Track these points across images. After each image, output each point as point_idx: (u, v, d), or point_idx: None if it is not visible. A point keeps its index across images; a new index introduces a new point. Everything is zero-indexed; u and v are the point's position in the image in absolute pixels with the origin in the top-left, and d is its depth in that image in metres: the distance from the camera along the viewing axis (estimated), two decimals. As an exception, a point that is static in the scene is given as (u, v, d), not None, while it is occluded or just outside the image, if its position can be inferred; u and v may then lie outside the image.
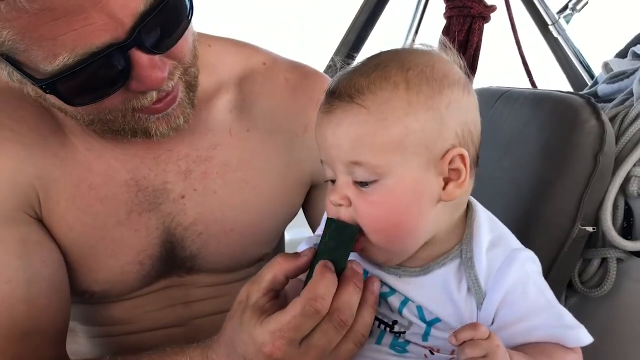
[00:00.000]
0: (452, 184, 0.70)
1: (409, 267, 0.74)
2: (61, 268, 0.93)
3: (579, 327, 0.71)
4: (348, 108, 0.68)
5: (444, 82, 0.69)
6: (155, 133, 0.86)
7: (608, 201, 1.19)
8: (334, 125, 0.69)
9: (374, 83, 0.68)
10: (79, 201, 0.93)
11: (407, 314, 0.73)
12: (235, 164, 1.00)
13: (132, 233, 0.96)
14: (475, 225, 0.74)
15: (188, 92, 0.87)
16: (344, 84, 0.70)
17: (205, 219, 1.00)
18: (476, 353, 0.63)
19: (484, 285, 0.70)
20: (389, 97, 0.67)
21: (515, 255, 0.71)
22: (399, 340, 0.74)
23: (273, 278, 0.71)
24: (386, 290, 0.74)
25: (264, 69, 1.05)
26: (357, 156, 0.68)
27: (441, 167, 0.69)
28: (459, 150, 0.69)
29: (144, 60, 0.75)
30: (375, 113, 0.67)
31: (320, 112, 0.72)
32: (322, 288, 0.67)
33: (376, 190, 0.68)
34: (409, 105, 0.67)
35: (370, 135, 0.67)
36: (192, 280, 1.05)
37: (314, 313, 0.66)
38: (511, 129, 1.37)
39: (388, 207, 0.68)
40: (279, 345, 0.67)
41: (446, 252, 0.73)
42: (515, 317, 0.68)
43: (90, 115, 0.82)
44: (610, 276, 1.22)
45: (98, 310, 1.05)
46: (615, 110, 1.32)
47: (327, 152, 0.71)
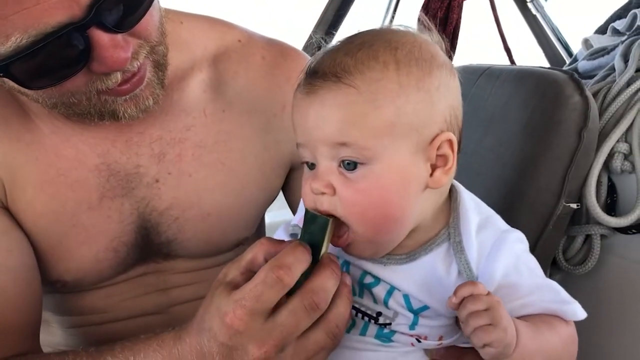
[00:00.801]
0: (439, 170, 0.67)
1: (394, 254, 0.71)
2: (29, 257, 0.89)
3: (574, 302, 0.70)
4: (334, 88, 0.64)
5: (432, 63, 0.66)
6: (123, 115, 0.81)
7: (592, 177, 1.19)
8: (317, 105, 0.65)
9: (361, 62, 0.64)
10: (47, 187, 0.89)
11: (392, 304, 0.70)
12: (210, 145, 0.97)
13: (105, 219, 0.92)
14: (461, 208, 0.71)
15: (157, 72, 0.83)
16: (327, 63, 0.65)
17: (180, 203, 0.96)
18: (478, 306, 0.61)
19: (475, 269, 0.68)
20: (378, 77, 0.64)
21: (504, 237, 0.69)
22: (384, 331, 0.72)
23: (252, 258, 0.68)
24: (370, 280, 0.71)
25: (239, 47, 1.01)
26: (345, 137, 0.64)
27: (429, 153, 0.66)
28: (447, 135, 0.66)
29: (105, 40, 0.70)
30: (365, 93, 0.63)
31: (299, 93, 0.68)
32: (289, 258, 0.64)
33: (363, 177, 0.64)
34: (399, 86, 0.64)
35: (359, 116, 0.63)
36: (169, 266, 1.02)
37: (275, 281, 0.63)
38: (493, 106, 1.35)
39: (375, 195, 0.65)
40: (239, 314, 0.63)
41: (432, 237, 0.71)
42: (511, 297, 0.67)
43: (52, 99, 0.77)
44: (594, 253, 1.22)
45: (71, 299, 1.01)
46: (597, 86, 1.31)
47: (308, 134, 0.67)
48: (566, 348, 0.69)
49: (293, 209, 1.13)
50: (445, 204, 0.72)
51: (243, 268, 0.68)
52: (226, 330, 0.64)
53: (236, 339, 0.64)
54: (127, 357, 0.72)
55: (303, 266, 0.64)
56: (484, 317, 0.61)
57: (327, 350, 0.69)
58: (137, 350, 0.72)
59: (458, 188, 0.74)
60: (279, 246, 0.67)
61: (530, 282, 0.69)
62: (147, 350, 0.71)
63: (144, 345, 0.72)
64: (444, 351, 0.73)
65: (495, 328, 0.61)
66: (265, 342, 0.64)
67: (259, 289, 0.63)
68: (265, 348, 0.64)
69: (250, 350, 0.64)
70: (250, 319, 0.63)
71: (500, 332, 0.61)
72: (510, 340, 0.62)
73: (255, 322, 0.63)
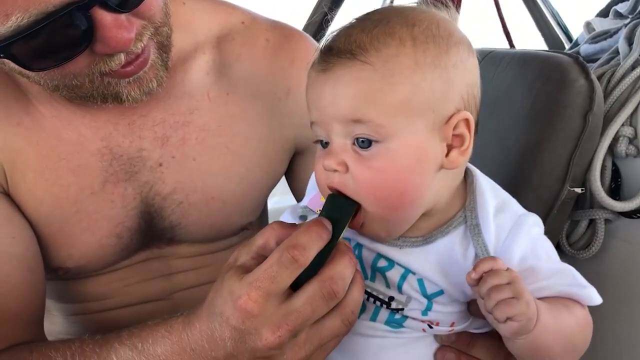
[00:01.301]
0: (455, 150, 0.66)
1: (410, 237, 0.70)
2: (32, 244, 0.88)
3: (591, 286, 0.69)
4: (349, 64, 0.63)
5: (450, 40, 0.65)
6: (127, 98, 0.80)
7: (596, 161, 1.18)
8: (332, 82, 0.64)
9: (377, 39, 0.63)
10: (48, 172, 0.87)
11: (406, 289, 0.69)
12: (214, 128, 0.95)
13: (108, 204, 0.91)
14: (478, 191, 0.70)
15: (161, 53, 0.81)
16: (342, 40, 0.64)
17: (184, 187, 0.95)
18: (499, 280, 0.61)
19: (492, 252, 0.67)
20: (394, 54, 0.62)
21: (522, 220, 0.68)
22: (395, 317, 0.71)
23: (264, 243, 0.66)
24: (384, 264, 0.70)
25: (242, 28, 0.99)
26: (360, 114, 0.62)
27: (445, 132, 0.65)
28: (464, 114, 0.65)
29: (108, 20, 0.69)
30: (380, 70, 0.62)
31: (314, 71, 0.66)
32: (304, 238, 0.62)
33: (377, 155, 0.63)
34: (415, 63, 0.62)
35: (375, 92, 0.62)
36: (173, 251, 1.00)
37: (290, 261, 0.61)
38: (496, 90, 1.34)
39: (390, 173, 0.63)
40: (254, 296, 0.61)
41: (448, 219, 0.70)
42: (529, 280, 0.66)
43: (54, 81, 0.75)
44: (598, 237, 1.21)
45: (73, 286, 1.00)
46: (602, 70, 1.30)
47: (323, 111, 0.66)
48: (582, 331, 0.69)
49: (296, 194, 1.12)
50: (461, 186, 0.71)
51: (254, 253, 0.66)
52: (239, 313, 0.62)
53: (250, 322, 0.63)
54: (135, 343, 0.70)
55: (318, 246, 0.63)
56: (506, 291, 0.60)
57: (340, 336, 0.68)
58: (144, 337, 0.70)
59: (474, 171, 0.73)
60: (290, 230, 0.66)
61: (548, 266, 0.68)
62: (155, 336, 0.70)
63: (152, 331, 0.70)
64: (454, 337, 0.72)
65: (518, 301, 0.60)
66: (280, 326, 0.63)
67: (274, 270, 0.62)
68: (280, 332, 0.63)
69: (264, 334, 0.63)
70: (265, 301, 0.62)
71: (523, 305, 0.60)
72: (532, 314, 0.62)
73: (270, 305, 0.62)
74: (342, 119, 0.64)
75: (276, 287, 0.62)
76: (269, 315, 0.62)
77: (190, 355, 0.67)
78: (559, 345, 0.67)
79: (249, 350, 0.64)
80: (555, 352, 0.67)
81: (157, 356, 0.69)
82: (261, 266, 0.63)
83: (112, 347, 0.72)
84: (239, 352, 0.65)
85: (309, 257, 0.62)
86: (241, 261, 0.66)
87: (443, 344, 0.73)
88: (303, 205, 0.78)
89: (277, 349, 0.64)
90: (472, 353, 0.72)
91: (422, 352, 0.73)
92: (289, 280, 0.62)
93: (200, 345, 0.66)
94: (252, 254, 0.66)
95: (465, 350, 0.72)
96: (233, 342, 0.64)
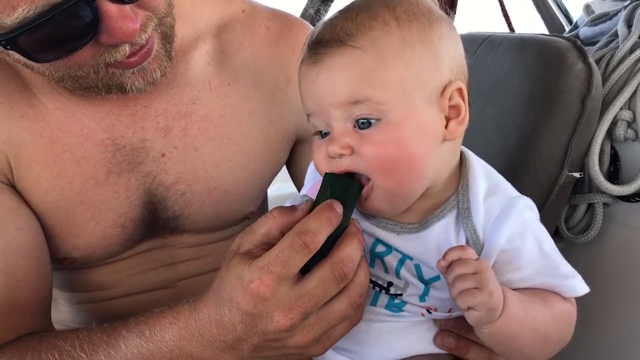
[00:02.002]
0: (453, 121, 0.68)
1: (407, 223, 0.71)
2: (38, 235, 0.89)
3: (575, 277, 0.70)
4: (339, 52, 0.65)
5: (431, 16, 0.67)
6: (131, 88, 0.80)
7: (595, 146, 1.19)
8: (325, 72, 0.65)
9: (362, 24, 0.65)
10: (53, 164, 0.88)
11: (404, 274, 0.70)
12: (216, 119, 0.96)
13: (112, 195, 0.92)
14: (470, 173, 0.71)
15: (164, 44, 0.82)
16: (328, 31, 0.66)
17: (187, 177, 0.95)
18: (465, 269, 0.62)
19: (481, 236, 0.68)
20: (381, 35, 0.65)
21: (513, 203, 0.69)
22: (394, 301, 0.72)
23: (267, 231, 0.67)
24: (382, 249, 0.71)
25: (243, 17, 0.99)
26: (358, 95, 0.64)
27: (442, 104, 0.67)
28: (457, 84, 0.67)
29: (113, 10, 0.69)
30: (370, 51, 0.64)
31: (304, 65, 0.68)
32: (315, 223, 0.64)
33: (379, 130, 0.65)
34: (402, 40, 0.65)
35: (369, 72, 0.64)
36: (176, 241, 1.02)
37: (302, 246, 0.62)
38: (494, 75, 1.34)
39: (394, 144, 0.65)
40: (266, 280, 0.62)
41: (443, 202, 0.71)
42: (511, 266, 0.67)
43: (59, 72, 0.76)
44: (596, 221, 1.22)
45: (79, 275, 1.01)
46: (600, 53, 1.30)
47: (320, 101, 0.67)
48: (557, 323, 0.70)
49: (297, 182, 1.13)
50: (455, 169, 0.72)
51: (257, 242, 0.67)
52: (250, 298, 0.63)
53: (261, 306, 0.64)
54: (142, 330, 0.72)
55: (328, 230, 0.64)
56: (470, 280, 0.62)
57: (350, 320, 0.69)
58: (151, 324, 0.72)
59: (467, 154, 0.74)
60: (291, 215, 0.67)
61: (531, 253, 0.68)
62: (162, 323, 0.71)
63: (159, 318, 0.72)
64: (453, 322, 0.73)
65: (480, 292, 0.62)
66: (293, 308, 0.64)
67: (286, 255, 0.63)
68: (292, 315, 0.64)
69: (275, 316, 0.64)
70: (277, 285, 0.63)
71: (485, 296, 0.62)
72: (496, 304, 0.63)
73: (282, 288, 0.63)
74: (340, 104, 0.65)
75: (288, 271, 0.63)
76: (280, 298, 0.64)
77: (199, 340, 0.68)
78: (528, 337, 0.68)
79: (259, 333, 0.66)
80: (523, 343, 0.68)
81: (165, 342, 0.70)
82: (272, 251, 0.64)
83: (120, 335, 0.73)
84: (248, 335, 0.66)
85: (319, 242, 0.64)
86: (245, 249, 0.67)
87: (442, 328, 0.74)
88: (303, 194, 0.79)
89: (288, 332, 0.65)
90: (471, 337, 0.73)
91: (422, 336, 0.74)
92: (300, 264, 0.64)
93: (208, 330, 0.68)
94: (255, 242, 0.67)
95: (463, 334, 0.73)
96: (243, 326, 0.65)
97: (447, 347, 0.74)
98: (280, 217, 0.68)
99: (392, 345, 0.73)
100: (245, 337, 0.66)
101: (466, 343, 0.74)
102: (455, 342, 0.73)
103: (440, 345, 0.74)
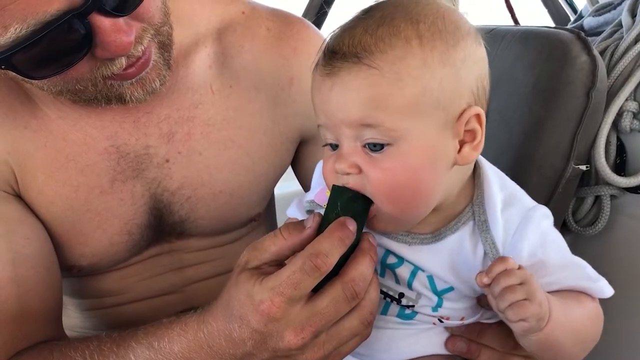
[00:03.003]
0: (467, 146, 0.65)
1: (419, 233, 0.69)
2: (46, 244, 0.89)
3: (601, 279, 0.69)
4: (355, 69, 0.61)
5: (457, 35, 0.63)
6: (130, 98, 0.80)
7: (601, 138, 1.17)
8: (339, 87, 0.62)
9: (382, 40, 0.61)
10: (58, 173, 0.88)
11: (417, 286, 0.69)
12: (219, 122, 0.95)
13: (117, 202, 0.92)
14: (485, 185, 0.69)
15: (162, 53, 0.81)
16: (345, 42, 0.62)
17: (192, 182, 0.95)
18: (512, 280, 0.60)
19: (501, 249, 0.66)
20: (401, 55, 0.60)
21: (531, 214, 0.67)
22: (406, 312, 0.72)
23: (277, 251, 0.66)
24: (394, 260, 0.70)
25: (243, 19, 0.98)
26: (369, 119, 0.61)
27: (457, 129, 0.63)
28: (475, 110, 0.64)
29: (106, 25, 0.68)
30: (388, 73, 0.60)
31: (318, 75, 0.65)
32: (327, 245, 0.62)
33: (389, 156, 0.62)
34: (424, 62, 0.61)
35: (384, 97, 0.61)
36: (183, 245, 1.02)
37: (313, 269, 0.62)
38: (498, 68, 1.33)
39: (403, 173, 0.62)
40: (277, 302, 0.62)
41: (457, 214, 0.69)
42: (538, 275, 0.65)
43: (57, 86, 0.76)
44: (604, 213, 1.21)
45: (87, 282, 1.01)
46: (605, 44, 1.29)
47: (331, 116, 0.64)
48: (593, 324, 0.69)
49: (302, 182, 1.13)
50: (469, 179, 0.70)
51: (266, 260, 0.67)
52: (261, 317, 0.63)
53: (272, 325, 0.64)
54: (151, 342, 0.72)
55: (341, 251, 0.63)
56: (519, 292, 0.60)
57: (360, 337, 0.68)
58: (160, 335, 0.72)
59: (482, 163, 0.71)
60: (300, 235, 0.65)
61: (557, 260, 0.67)
62: (170, 335, 0.71)
63: (167, 329, 0.72)
64: (464, 328, 0.73)
65: (531, 303, 0.60)
66: (304, 328, 0.64)
67: (297, 277, 0.62)
68: (303, 334, 0.64)
69: (286, 336, 0.64)
70: (288, 306, 0.63)
71: (535, 307, 0.60)
72: (544, 314, 0.62)
73: (293, 309, 0.63)
74: (351, 124, 0.63)
75: (299, 293, 0.63)
76: (292, 318, 0.63)
77: (208, 353, 0.68)
78: (570, 340, 0.67)
79: (269, 350, 0.66)
80: (565, 347, 0.67)
81: (174, 354, 0.70)
82: (283, 272, 0.63)
83: (130, 346, 0.73)
84: (258, 351, 0.66)
85: (331, 264, 0.63)
86: (253, 264, 0.67)
87: (453, 334, 0.74)
88: (309, 200, 0.78)
89: (298, 350, 0.65)
90: (482, 342, 0.73)
91: (433, 342, 0.74)
92: (311, 286, 0.63)
93: (217, 344, 0.67)
94: (264, 260, 0.67)
95: (475, 339, 0.73)
96: (253, 342, 0.65)
97: (458, 352, 0.73)
98: (291, 238, 0.66)
99: (403, 350, 0.73)
100: (256, 352, 0.66)
101: (477, 347, 0.73)
102: (467, 346, 0.73)
103: (451, 350, 0.74)
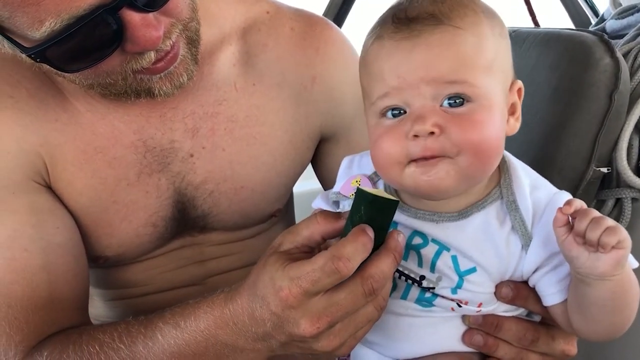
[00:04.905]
0: (511, 118, 0.71)
1: (446, 212, 0.71)
2: (75, 234, 0.91)
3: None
4: (438, 30, 0.65)
5: (497, 14, 0.70)
6: (159, 92, 0.83)
7: (623, 140, 1.17)
8: (423, 47, 0.65)
9: (456, 8, 0.66)
10: (86, 165, 0.91)
11: (440, 266, 0.71)
12: (242, 120, 0.97)
13: (143, 195, 0.94)
14: (512, 168, 0.73)
15: (190, 48, 0.84)
16: (421, 9, 0.66)
17: (215, 176, 0.97)
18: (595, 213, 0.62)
19: (529, 227, 0.69)
20: (477, 22, 0.67)
21: (557, 198, 0.69)
22: (425, 295, 0.73)
23: (310, 235, 0.68)
24: (419, 241, 0.72)
25: (267, 18, 1.00)
26: (456, 75, 0.65)
27: (508, 98, 0.70)
28: (519, 84, 0.71)
29: (136, 20, 0.71)
30: (470, 34, 0.66)
31: (391, 41, 0.66)
32: (350, 249, 0.63)
33: (473, 111, 0.65)
34: (492, 32, 0.67)
35: (470, 55, 0.65)
36: (205, 239, 1.04)
37: (333, 271, 0.63)
38: (520, 70, 1.32)
39: (487, 125, 0.65)
40: (295, 292, 0.64)
41: (484, 196, 0.72)
42: None
43: (89, 80, 0.79)
44: (625, 216, 1.21)
45: (112, 273, 1.04)
46: (628, 46, 1.28)
47: (409, 75, 0.65)
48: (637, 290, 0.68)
49: (321, 179, 1.14)
50: None
51: (298, 244, 0.68)
52: (279, 302, 0.65)
53: (289, 312, 0.65)
54: (178, 321, 0.74)
55: (363, 256, 0.64)
56: (605, 220, 0.61)
57: (373, 321, 0.70)
58: (186, 315, 0.74)
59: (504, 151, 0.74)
60: (334, 223, 0.68)
61: None
62: (197, 313, 0.73)
63: (194, 308, 0.74)
64: (481, 319, 0.74)
65: (620, 228, 0.61)
66: (320, 318, 0.65)
67: (317, 275, 0.63)
68: (319, 324, 0.65)
69: (302, 324, 0.65)
70: (304, 298, 0.64)
71: (624, 231, 0.61)
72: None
73: (309, 300, 0.65)
74: (434, 81, 0.65)
75: (316, 289, 0.64)
76: (308, 307, 0.65)
77: (232, 329, 0.70)
78: (630, 296, 0.66)
79: (286, 334, 0.67)
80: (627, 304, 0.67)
81: (200, 331, 0.72)
82: (305, 265, 0.64)
83: (157, 327, 0.75)
84: (277, 333, 0.68)
85: (352, 268, 0.64)
86: (285, 248, 0.69)
87: (470, 327, 0.74)
88: (335, 191, 0.79)
89: (314, 338, 0.67)
90: (499, 335, 0.74)
91: (450, 333, 0.75)
92: (329, 286, 0.65)
93: (241, 321, 0.70)
94: (296, 243, 0.69)
95: (492, 332, 0.74)
96: (272, 324, 0.67)
97: (475, 345, 0.74)
98: (324, 224, 0.68)
99: (421, 340, 0.74)
100: (274, 334, 0.68)
101: (494, 341, 0.74)
102: (484, 339, 0.74)
103: (468, 343, 0.74)
